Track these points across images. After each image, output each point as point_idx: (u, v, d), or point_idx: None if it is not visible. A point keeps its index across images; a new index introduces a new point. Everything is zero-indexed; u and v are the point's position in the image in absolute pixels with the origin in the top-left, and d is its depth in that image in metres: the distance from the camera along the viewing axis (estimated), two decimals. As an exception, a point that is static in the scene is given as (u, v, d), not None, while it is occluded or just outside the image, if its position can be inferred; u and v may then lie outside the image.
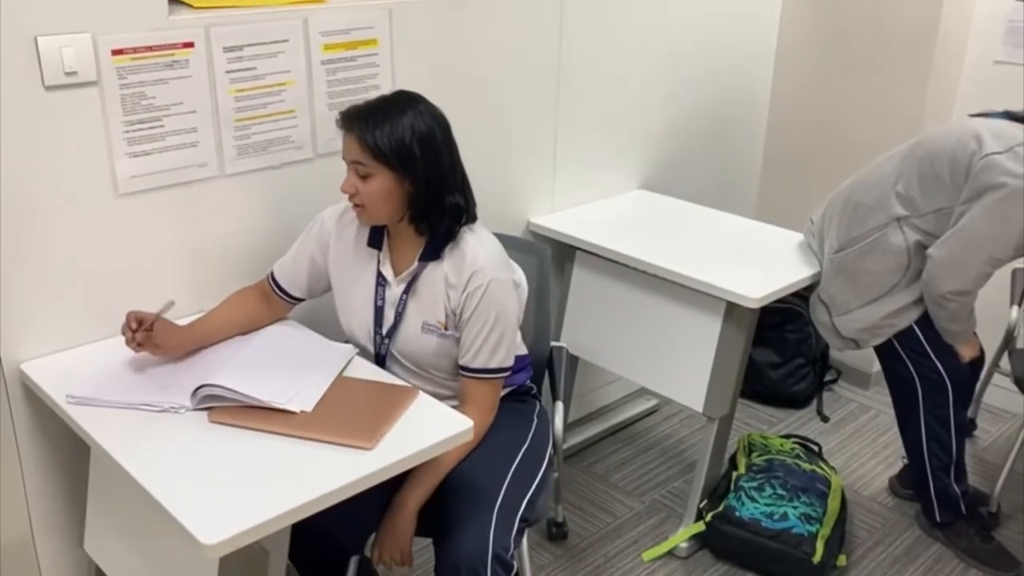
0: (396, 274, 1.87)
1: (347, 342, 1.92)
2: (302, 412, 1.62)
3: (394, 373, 1.89)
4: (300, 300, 1.97)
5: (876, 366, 3.32)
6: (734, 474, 2.60)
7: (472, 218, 1.86)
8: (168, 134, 1.87)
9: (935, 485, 2.51)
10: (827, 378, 3.39)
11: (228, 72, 1.93)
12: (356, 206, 1.80)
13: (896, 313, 2.34)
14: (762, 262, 2.47)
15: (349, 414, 1.64)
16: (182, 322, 1.86)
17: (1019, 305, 2.70)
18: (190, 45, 1.85)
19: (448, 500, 1.79)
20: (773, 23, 3.27)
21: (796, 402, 3.30)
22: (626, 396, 3.23)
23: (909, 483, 2.75)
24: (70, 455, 1.91)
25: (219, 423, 1.60)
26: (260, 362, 1.77)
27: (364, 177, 1.76)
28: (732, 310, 2.32)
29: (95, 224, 1.82)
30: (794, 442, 2.73)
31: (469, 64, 2.37)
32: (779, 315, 3.19)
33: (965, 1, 2.99)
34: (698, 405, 2.45)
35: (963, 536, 2.54)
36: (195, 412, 1.62)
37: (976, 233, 2.16)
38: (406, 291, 1.85)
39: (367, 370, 1.83)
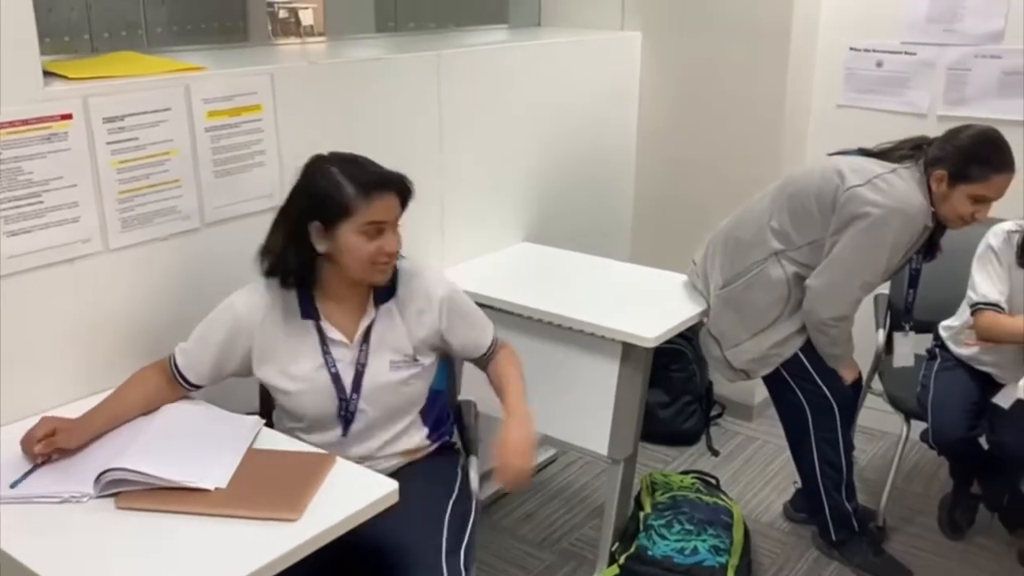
0: (349, 334, 1.85)
1: (300, 421, 1.87)
2: (217, 489, 1.55)
3: (359, 434, 1.87)
4: (203, 387, 1.90)
5: (758, 398, 3.48)
6: (641, 514, 2.64)
7: None
8: (48, 210, 1.78)
9: (829, 505, 2.62)
10: (713, 413, 3.51)
11: (109, 143, 1.86)
12: (387, 263, 1.82)
13: (782, 342, 2.46)
14: (651, 303, 2.55)
15: (267, 486, 1.58)
16: (79, 404, 1.76)
17: (884, 328, 2.90)
18: (68, 117, 1.78)
19: (392, 559, 1.76)
20: (634, 76, 3.43)
21: (687, 439, 3.40)
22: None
23: (802, 507, 2.87)
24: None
25: (127, 508, 1.50)
26: (165, 441, 1.68)
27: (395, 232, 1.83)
28: (629, 351, 2.38)
29: (-27, 308, 1.70)
30: (693, 477, 2.80)
31: (353, 126, 2.38)
32: (665, 356, 3.30)
33: (807, 53, 3.24)
34: (602, 448, 2.48)
35: (857, 552, 2.66)
36: (100, 499, 1.52)
37: (848, 261, 2.32)
38: (364, 341, 1.85)
39: (276, 440, 1.77)
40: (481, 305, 2.58)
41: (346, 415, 1.86)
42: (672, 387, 3.36)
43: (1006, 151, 2.28)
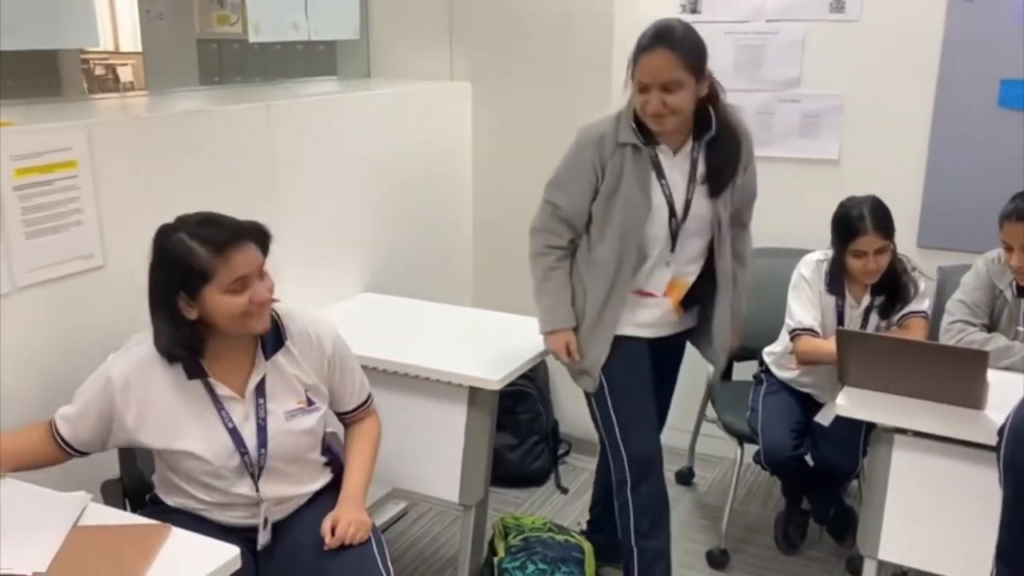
0: (240, 390, 1.86)
1: (196, 481, 1.84)
2: (36, 574, 1.43)
3: (271, 484, 1.89)
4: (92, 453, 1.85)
5: (602, 433, 3.55)
6: (495, 559, 2.63)
7: None
8: None
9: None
10: (560, 452, 3.57)
11: (-97, 205, 1.72)
12: (261, 311, 1.83)
13: None
14: (494, 346, 2.57)
15: (94, 566, 1.48)
16: None
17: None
18: None
19: None
20: (466, 125, 3.49)
21: (536, 479, 3.43)
22: (372, 505, 3.17)
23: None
24: None
25: (-66, 604, 1.37)
26: (-25, 527, 1.54)
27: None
28: (475, 395, 2.39)
29: None
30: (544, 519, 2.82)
31: (181, 181, 2.30)
32: (509, 398, 3.33)
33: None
34: (453, 495, 2.47)
35: None
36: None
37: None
38: (260, 395, 1.87)
39: (106, 515, 1.66)
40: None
41: (252, 469, 1.86)
42: (519, 429, 3.39)
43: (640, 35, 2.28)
